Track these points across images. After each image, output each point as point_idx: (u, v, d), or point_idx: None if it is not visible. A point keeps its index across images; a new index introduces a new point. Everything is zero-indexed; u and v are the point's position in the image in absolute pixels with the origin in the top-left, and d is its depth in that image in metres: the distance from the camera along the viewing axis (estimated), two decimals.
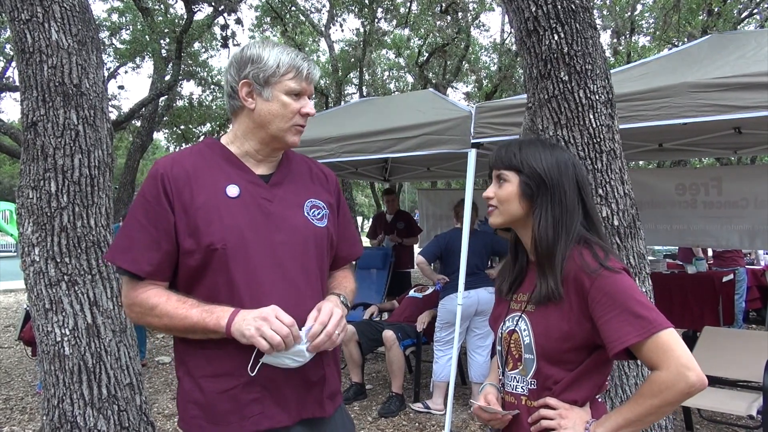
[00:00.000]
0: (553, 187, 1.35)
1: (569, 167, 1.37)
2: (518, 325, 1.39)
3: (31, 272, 2.62)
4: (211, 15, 9.93)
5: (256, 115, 1.47)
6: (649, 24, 13.11)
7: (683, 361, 1.19)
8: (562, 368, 1.32)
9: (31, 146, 2.63)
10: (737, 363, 3.71)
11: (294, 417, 1.44)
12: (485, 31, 23.89)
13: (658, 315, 1.23)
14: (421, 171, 7.67)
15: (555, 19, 2.30)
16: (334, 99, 13.09)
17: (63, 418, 2.59)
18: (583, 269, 1.28)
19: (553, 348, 1.31)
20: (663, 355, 1.20)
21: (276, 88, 1.45)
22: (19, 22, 2.60)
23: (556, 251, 1.32)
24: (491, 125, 3.90)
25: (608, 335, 1.23)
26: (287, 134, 1.48)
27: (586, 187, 1.40)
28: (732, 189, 5.39)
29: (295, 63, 1.45)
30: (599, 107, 2.35)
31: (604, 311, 1.24)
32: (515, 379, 1.40)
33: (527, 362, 1.36)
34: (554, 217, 1.34)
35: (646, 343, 1.20)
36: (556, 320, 1.31)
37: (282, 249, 1.44)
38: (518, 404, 1.38)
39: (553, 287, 1.31)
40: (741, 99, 2.97)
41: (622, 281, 1.26)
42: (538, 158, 1.37)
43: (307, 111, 1.48)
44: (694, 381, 1.18)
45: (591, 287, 1.26)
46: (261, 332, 1.29)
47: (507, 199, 1.39)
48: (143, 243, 1.40)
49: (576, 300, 1.29)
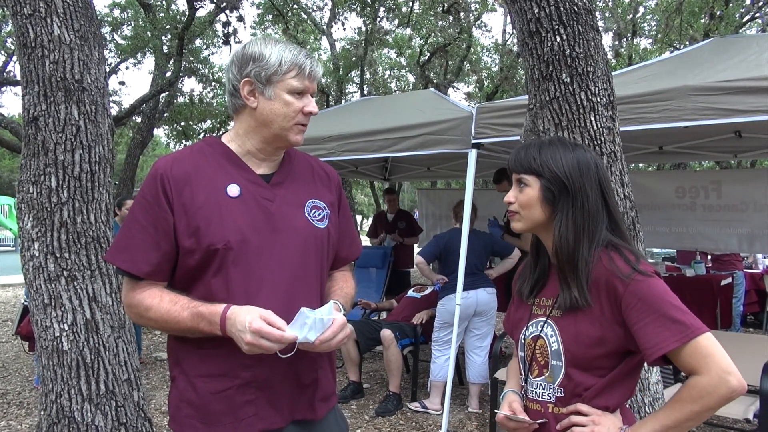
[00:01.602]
0: (575, 190, 1.31)
1: (591, 168, 1.33)
2: (543, 330, 1.35)
3: (31, 267, 2.62)
4: (213, 12, 9.92)
5: (258, 113, 1.45)
6: (651, 27, 13.12)
7: (724, 366, 1.17)
8: (592, 374, 1.29)
9: (31, 141, 2.63)
10: (735, 366, 3.71)
11: (286, 418, 1.44)
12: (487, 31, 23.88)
13: (695, 319, 1.21)
14: (421, 171, 7.67)
15: (557, 21, 2.31)
16: (335, 97, 13.08)
17: (61, 413, 2.59)
18: (615, 274, 1.25)
19: (583, 354, 1.28)
20: (703, 360, 1.18)
21: (278, 87, 1.42)
22: (21, 17, 2.59)
23: (578, 258, 1.29)
24: (492, 126, 3.90)
25: (645, 341, 1.20)
26: (290, 133, 1.46)
27: (609, 188, 1.36)
28: (732, 192, 5.40)
29: (297, 61, 1.42)
30: (600, 109, 2.35)
31: (640, 317, 1.21)
32: (541, 386, 1.36)
33: (554, 369, 1.33)
34: (576, 223, 1.30)
35: (685, 348, 1.18)
36: (586, 326, 1.27)
37: (282, 249, 1.43)
38: (545, 412, 1.34)
39: (577, 296, 1.28)
40: (742, 103, 2.98)
41: (657, 285, 1.23)
42: (559, 161, 1.32)
43: (310, 110, 1.46)
44: (735, 386, 1.16)
45: (625, 292, 1.23)
46: (258, 348, 1.28)
47: (528, 204, 1.35)
48: (142, 243, 1.39)
49: (608, 305, 1.26)
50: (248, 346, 1.27)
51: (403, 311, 5.14)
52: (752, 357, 3.61)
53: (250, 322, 1.26)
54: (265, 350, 1.28)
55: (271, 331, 1.26)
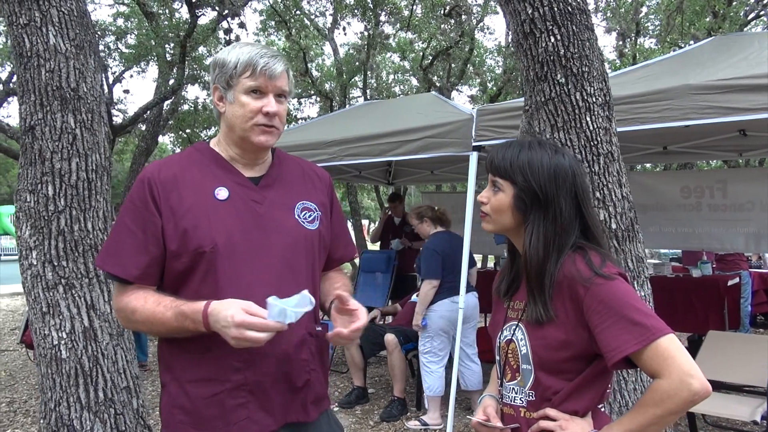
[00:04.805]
0: (548, 202, 1.29)
1: (568, 177, 1.31)
2: (515, 334, 1.34)
3: (29, 275, 2.63)
4: (215, 19, 9.97)
5: (226, 118, 1.46)
6: (655, 26, 13.06)
7: (685, 369, 1.14)
8: (560, 378, 1.28)
9: (29, 150, 2.64)
10: (742, 367, 3.66)
11: (279, 421, 1.43)
12: (490, 33, 23.86)
13: (657, 321, 1.19)
14: (425, 174, 7.65)
15: (551, 22, 2.29)
16: (339, 102, 13.09)
17: (60, 421, 2.58)
18: (576, 278, 1.24)
19: (550, 358, 1.27)
20: (664, 362, 1.15)
21: (236, 89, 1.42)
22: (17, 27, 2.61)
23: (545, 272, 1.28)
24: (493, 128, 3.88)
25: (605, 345, 1.19)
26: (251, 134, 1.44)
27: (587, 198, 1.34)
28: (737, 191, 5.34)
29: (251, 60, 1.40)
30: (596, 110, 2.33)
31: (601, 320, 1.20)
32: (513, 390, 1.35)
33: (525, 373, 1.32)
34: (546, 236, 1.28)
35: (646, 350, 1.16)
36: (552, 329, 1.26)
37: (271, 251, 1.43)
38: (517, 416, 1.34)
39: (542, 311, 1.27)
40: (743, 101, 2.94)
41: (617, 288, 1.21)
42: (536, 168, 1.30)
43: (267, 110, 1.42)
44: (697, 389, 1.13)
45: (585, 296, 1.22)
46: (245, 341, 1.27)
47: (500, 209, 1.34)
48: (131, 247, 1.39)
49: (571, 308, 1.25)
50: (235, 341, 1.26)
51: (406, 316, 5.11)
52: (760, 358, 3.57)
53: (232, 315, 1.25)
54: (253, 342, 1.26)
55: (254, 320, 1.25)
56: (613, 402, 2.34)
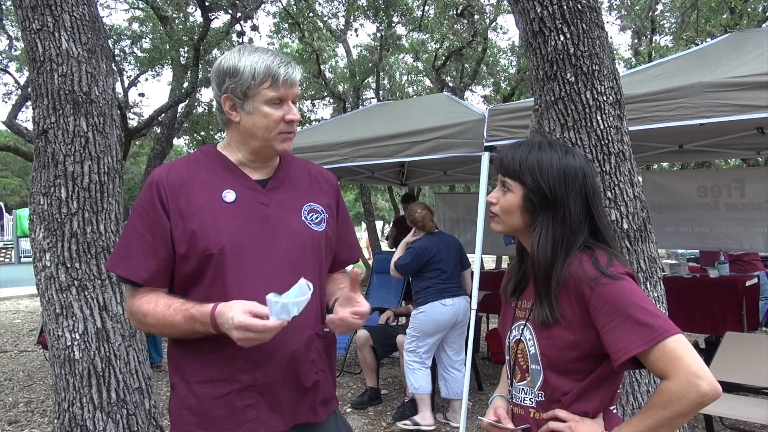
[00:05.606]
0: (557, 203, 1.28)
1: (578, 178, 1.29)
2: (523, 334, 1.33)
3: (43, 277, 2.66)
4: (229, 22, 10.04)
5: (242, 127, 1.46)
6: (671, 24, 12.90)
7: (693, 369, 1.12)
8: (570, 379, 1.26)
9: (42, 153, 2.67)
10: (761, 369, 3.60)
11: (288, 422, 1.43)
12: (503, 33, 23.74)
13: (665, 321, 1.17)
14: (438, 175, 7.63)
15: (561, 20, 2.27)
16: (353, 104, 13.12)
17: (73, 421, 2.61)
18: (582, 278, 1.22)
19: (559, 358, 1.26)
20: (671, 363, 1.13)
21: (255, 100, 1.42)
22: (30, 32, 2.65)
23: (553, 274, 1.26)
24: (504, 128, 3.86)
25: (612, 345, 1.18)
26: (274, 143, 1.46)
27: (597, 200, 1.32)
28: (755, 190, 5.25)
29: (270, 71, 1.40)
30: (607, 108, 2.30)
31: (607, 320, 1.18)
32: (523, 390, 1.34)
33: (534, 373, 1.31)
34: (555, 238, 1.27)
35: (653, 351, 1.14)
36: (559, 330, 1.25)
37: (278, 253, 1.44)
38: (527, 417, 1.33)
39: (548, 313, 1.26)
40: (760, 98, 2.89)
41: (623, 287, 1.19)
42: (545, 169, 1.29)
43: (290, 117, 1.44)
44: (706, 390, 1.11)
45: (591, 295, 1.21)
46: (248, 341, 1.28)
47: (509, 210, 1.34)
48: (140, 250, 1.41)
49: (578, 308, 1.23)
50: (239, 342, 1.27)
51: None
52: None
53: (233, 317, 1.26)
54: (258, 341, 1.27)
55: (254, 323, 1.25)
56: (626, 404, 2.31)
